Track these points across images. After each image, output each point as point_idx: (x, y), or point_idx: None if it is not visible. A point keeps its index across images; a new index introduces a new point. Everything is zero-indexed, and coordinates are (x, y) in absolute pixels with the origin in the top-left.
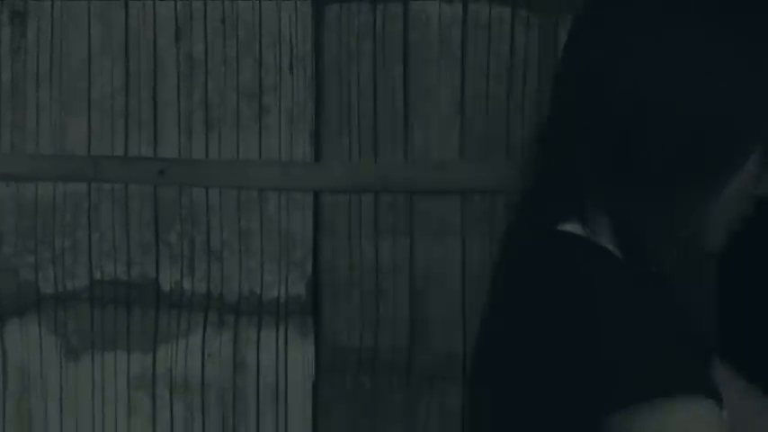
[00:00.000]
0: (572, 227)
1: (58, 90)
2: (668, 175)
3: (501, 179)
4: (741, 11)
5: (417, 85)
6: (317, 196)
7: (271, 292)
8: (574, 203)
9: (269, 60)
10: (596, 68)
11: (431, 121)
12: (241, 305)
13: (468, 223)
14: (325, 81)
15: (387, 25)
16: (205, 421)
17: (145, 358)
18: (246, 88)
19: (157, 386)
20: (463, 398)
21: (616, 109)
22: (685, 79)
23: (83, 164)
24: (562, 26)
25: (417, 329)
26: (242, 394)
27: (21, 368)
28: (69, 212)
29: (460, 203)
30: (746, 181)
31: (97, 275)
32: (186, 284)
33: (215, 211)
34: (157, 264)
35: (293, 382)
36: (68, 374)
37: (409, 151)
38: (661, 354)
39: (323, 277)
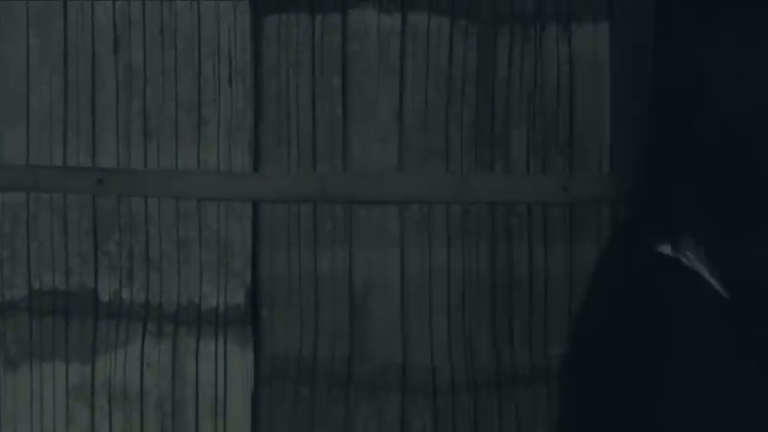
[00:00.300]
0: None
1: None
2: None
3: (440, 189)
4: None
5: (356, 95)
6: (256, 206)
7: (210, 302)
8: (671, 232)
9: (208, 71)
10: (710, 81)
11: (369, 132)
12: (180, 315)
13: (407, 233)
14: (264, 92)
15: (325, 36)
16: (144, 431)
17: (83, 368)
18: (185, 98)
19: (96, 396)
20: (403, 408)
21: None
22: None
23: (21, 174)
24: (501, 36)
25: (357, 339)
26: (181, 404)
27: None
28: (8, 222)
29: (399, 214)
30: None
31: (36, 285)
32: (125, 294)
33: (154, 220)
34: (96, 273)
35: (232, 392)
36: (7, 385)
37: (348, 162)
38: None
39: (262, 287)
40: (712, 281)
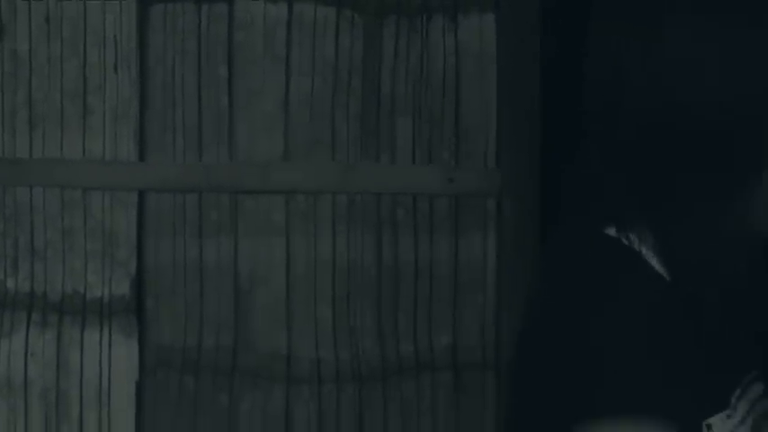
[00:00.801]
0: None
1: None
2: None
3: (325, 179)
4: None
5: (242, 85)
6: (142, 195)
7: (94, 292)
8: (614, 213)
9: (94, 59)
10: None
11: (255, 122)
12: (65, 305)
13: (292, 223)
14: (150, 80)
15: (212, 25)
16: (27, 421)
17: None
18: (71, 87)
19: None
20: (287, 398)
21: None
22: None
23: None
24: (387, 27)
25: (241, 330)
26: (65, 394)
27: None
28: None
29: (285, 203)
30: None
31: None
32: (9, 284)
33: (38, 210)
34: None
35: (117, 381)
36: None
37: (234, 151)
38: (638, 377)
39: (147, 277)
40: (653, 261)
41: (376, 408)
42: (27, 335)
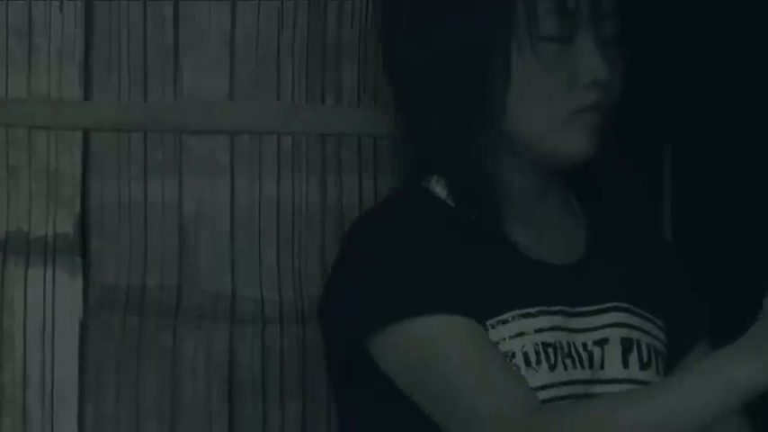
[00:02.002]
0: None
1: None
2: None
3: (271, 120)
4: None
5: (188, 24)
6: (87, 135)
7: (38, 231)
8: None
9: None
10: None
11: (201, 61)
12: (8, 244)
13: (237, 164)
14: (96, 19)
15: None
16: None
17: None
18: (16, 25)
19: None
20: (230, 337)
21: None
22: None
23: None
24: None
25: (186, 269)
26: (9, 333)
27: None
28: None
29: (230, 144)
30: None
31: None
32: None
33: None
34: None
35: (61, 321)
36: None
37: (179, 91)
38: (420, 284)
39: (92, 216)
40: (448, 201)
41: (319, 348)
42: None
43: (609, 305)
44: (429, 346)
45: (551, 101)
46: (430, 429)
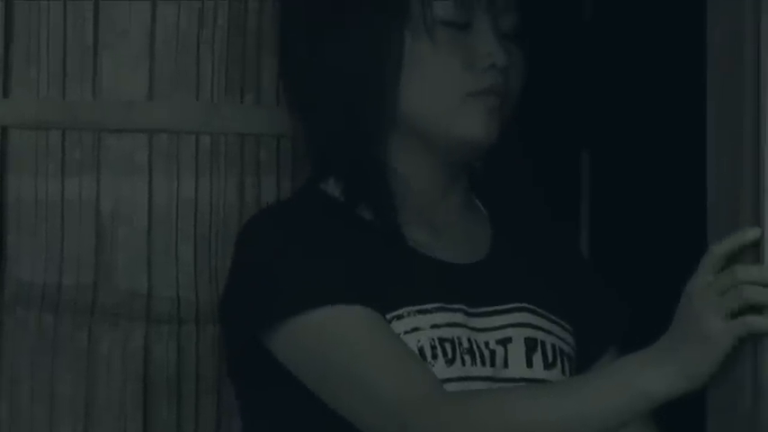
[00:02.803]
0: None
1: None
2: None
3: (189, 119)
4: None
5: (107, 24)
6: (5, 132)
7: None
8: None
9: None
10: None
11: (120, 59)
12: None
13: (155, 163)
14: (16, 15)
15: None
16: None
17: None
18: None
19: None
20: (146, 336)
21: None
22: None
23: None
24: None
25: (102, 268)
26: None
27: None
28: None
29: (148, 143)
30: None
31: None
32: None
33: None
34: None
35: None
36: None
37: (98, 89)
38: (315, 277)
39: (9, 213)
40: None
41: None
42: None
43: (512, 305)
44: (328, 337)
45: (447, 84)
46: (332, 426)
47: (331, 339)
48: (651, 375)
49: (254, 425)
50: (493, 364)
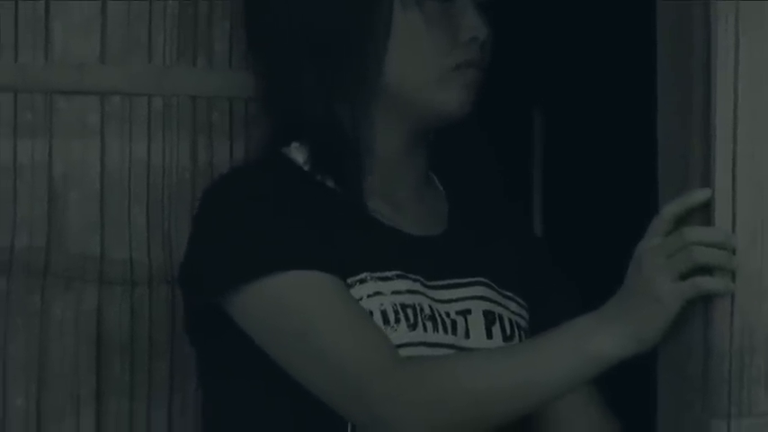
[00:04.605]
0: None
1: None
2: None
3: (141, 82)
4: None
5: None
6: None
7: None
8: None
9: None
10: None
11: (72, 24)
12: None
13: (107, 125)
14: None
15: None
16: None
17: None
18: None
19: None
20: (99, 298)
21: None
22: None
23: None
24: None
25: (54, 231)
26: None
27: None
28: None
29: (100, 105)
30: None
31: None
32: None
33: None
34: None
35: None
36: None
37: (50, 52)
38: (277, 241)
39: None
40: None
41: None
42: None
43: (469, 280)
44: (286, 303)
45: (433, 56)
46: (290, 388)
47: (288, 305)
48: (602, 338)
49: (212, 389)
50: (455, 333)
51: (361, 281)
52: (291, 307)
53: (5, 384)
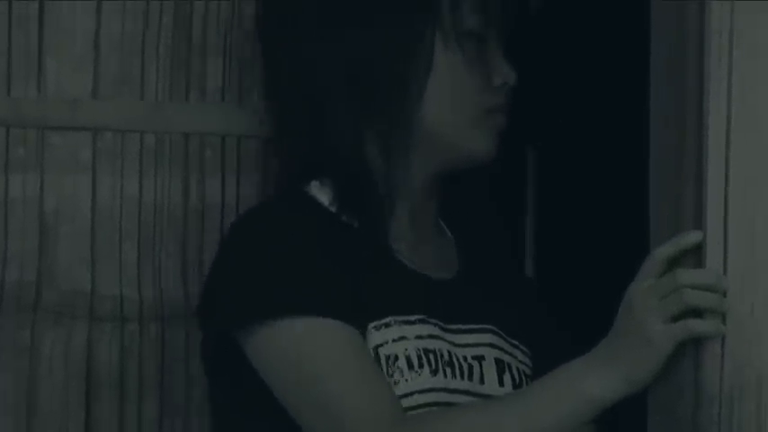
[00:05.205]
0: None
1: None
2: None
3: (134, 118)
4: None
5: (52, 22)
6: None
7: None
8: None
9: None
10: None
11: (65, 58)
12: None
13: (99, 161)
14: None
15: None
16: None
17: None
18: None
19: None
20: (89, 334)
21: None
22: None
23: None
24: None
25: (45, 266)
26: None
27: None
28: None
29: (92, 141)
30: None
31: None
32: None
33: None
34: None
35: None
36: None
37: (43, 87)
38: (297, 284)
39: None
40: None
41: (178, 348)
42: None
43: (481, 326)
44: (301, 347)
45: (469, 97)
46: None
47: (298, 352)
48: (593, 381)
49: (223, 420)
50: (471, 379)
51: (387, 325)
52: (301, 354)
53: None
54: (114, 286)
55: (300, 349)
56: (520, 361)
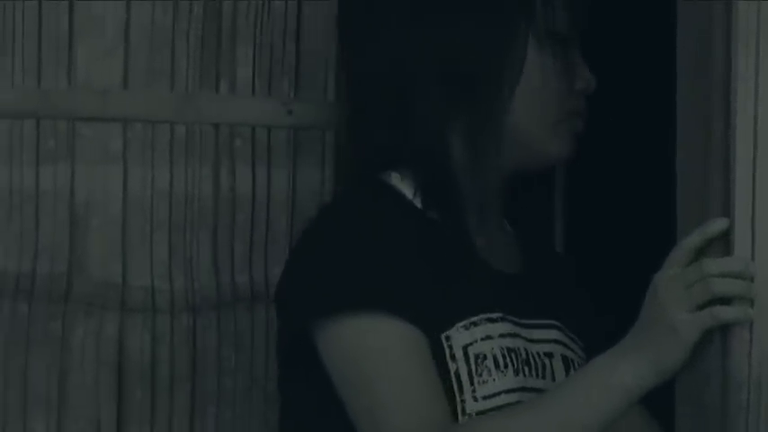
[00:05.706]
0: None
1: None
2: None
3: (164, 108)
4: None
5: (83, 10)
6: None
7: None
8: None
9: None
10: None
11: (95, 48)
12: None
13: (129, 152)
14: None
15: None
16: None
17: None
18: None
19: None
20: (120, 325)
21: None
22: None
23: None
24: None
25: (76, 257)
26: None
27: None
28: None
29: (122, 132)
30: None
31: None
32: None
33: None
34: None
35: None
36: None
37: (73, 78)
38: (374, 281)
39: None
40: (414, 199)
41: (209, 338)
42: None
43: (548, 321)
44: (360, 345)
45: (554, 100)
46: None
47: (360, 349)
48: (625, 370)
49: (293, 416)
50: (544, 377)
51: (474, 323)
52: (359, 352)
53: (26, 410)
54: (145, 277)
55: (359, 347)
56: (580, 356)
